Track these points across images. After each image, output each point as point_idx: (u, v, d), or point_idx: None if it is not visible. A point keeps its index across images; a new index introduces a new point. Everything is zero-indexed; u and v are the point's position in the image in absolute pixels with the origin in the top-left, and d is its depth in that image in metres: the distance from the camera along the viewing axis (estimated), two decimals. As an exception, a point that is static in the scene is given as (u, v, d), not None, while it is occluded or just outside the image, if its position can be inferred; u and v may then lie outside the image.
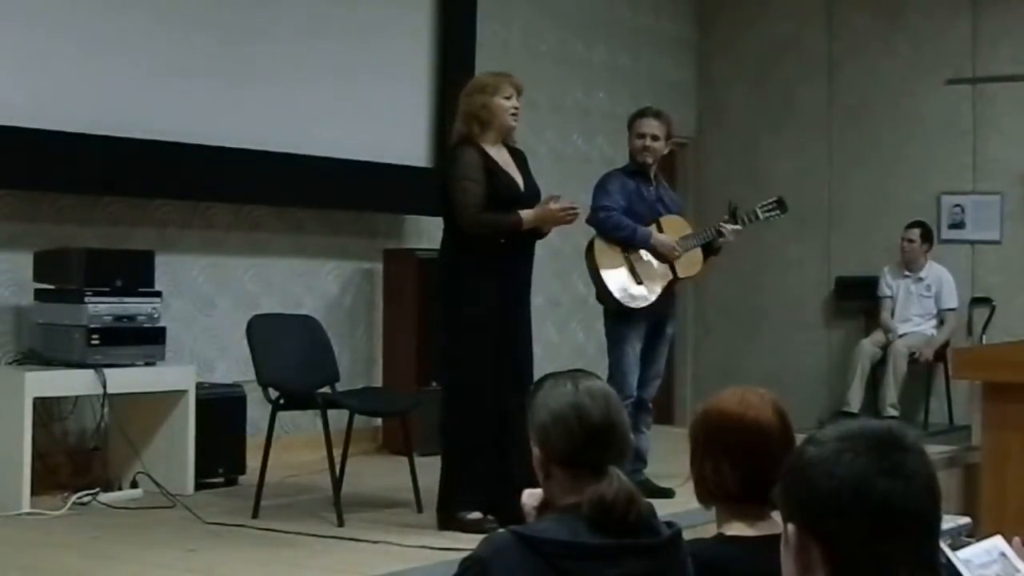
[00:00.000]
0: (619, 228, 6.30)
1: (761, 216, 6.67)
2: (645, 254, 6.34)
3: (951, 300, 9.20)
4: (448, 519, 5.41)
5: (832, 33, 9.99)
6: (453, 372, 5.54)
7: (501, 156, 5.59)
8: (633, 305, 6.28)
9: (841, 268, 9.87)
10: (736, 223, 6.50)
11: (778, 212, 6.74)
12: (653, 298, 6.33)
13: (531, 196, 5.61)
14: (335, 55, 7.47)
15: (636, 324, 6.30)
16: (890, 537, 1.67)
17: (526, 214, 5.50)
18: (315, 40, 7.37)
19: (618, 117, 7.28)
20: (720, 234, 6.47)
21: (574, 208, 5.60)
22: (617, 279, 6.28)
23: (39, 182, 6.26)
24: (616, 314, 6.33)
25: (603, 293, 6.33)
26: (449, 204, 5.51)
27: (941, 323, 9.23)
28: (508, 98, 5.58)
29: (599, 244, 6.32)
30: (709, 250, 6.54)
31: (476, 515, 5.33)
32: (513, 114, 5.60)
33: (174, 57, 6.71)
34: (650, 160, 6.43)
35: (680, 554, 2.54)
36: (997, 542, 2.55)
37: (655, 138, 6.42)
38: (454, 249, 5.54)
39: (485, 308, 5.43)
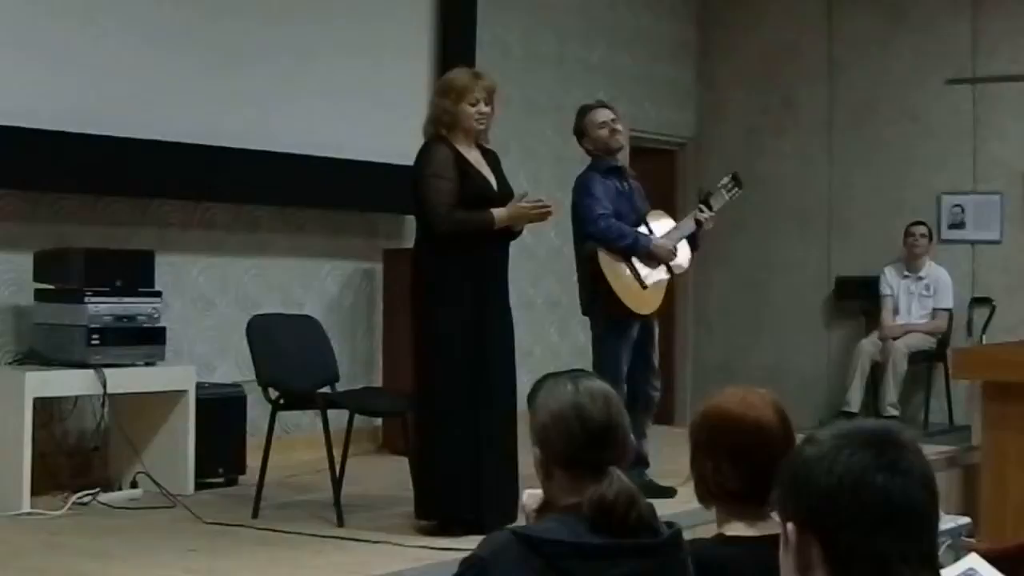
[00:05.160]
0: (623, 236, 6.27)
1: (727, 197, 6.66)
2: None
3: (946, 300, 9.23)
4: (438, 525, 5.38)
5: (832, 33, 9.99)
6: (428, 374, 5.45)
7: (472, 155, 5.54)
8: (644, 311, 6.29)
9: (841, 268, 9.87)
10: (710, 210, 6.52)
11: (737, 189, 6.72)
12: (659, 301, 6.36)
13: (504, 196, 5.55)
14: (335, 55, 7.47)
15: (630, 331, 6.29)
16: (890, 533, 1.68)
17: (499, 213, 5.43)
18: (316, 41, 7.37)
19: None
20: (699, 224, 6.49)
21: (545, 205, 5.53)
22: (625, 287, 6.26)
23: (39, 182, 6.26)
24: (611, 323, 6.29)
25: (611, 303, 6.24)
26: (421, 202, 5.44)
27: (939, 322, 9.28)
28: (474, 104, 5.50)
29: (603, 255, 6.24)
30: (691, 244, 6.56)
31: (469, 519, 5.30)
32: (479, 119, 5.52)
33: (174, 57, 6.70)
34: (621, 144, 6.43)
35: (680, 554, 2.54)
36: (972, 560, 2.56)
37: (615, 121, 6.43)
38: (430, 250, 5.45)
39: (464, 312, 5.37)
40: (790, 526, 1.74)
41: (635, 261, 6.30)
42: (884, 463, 1.69)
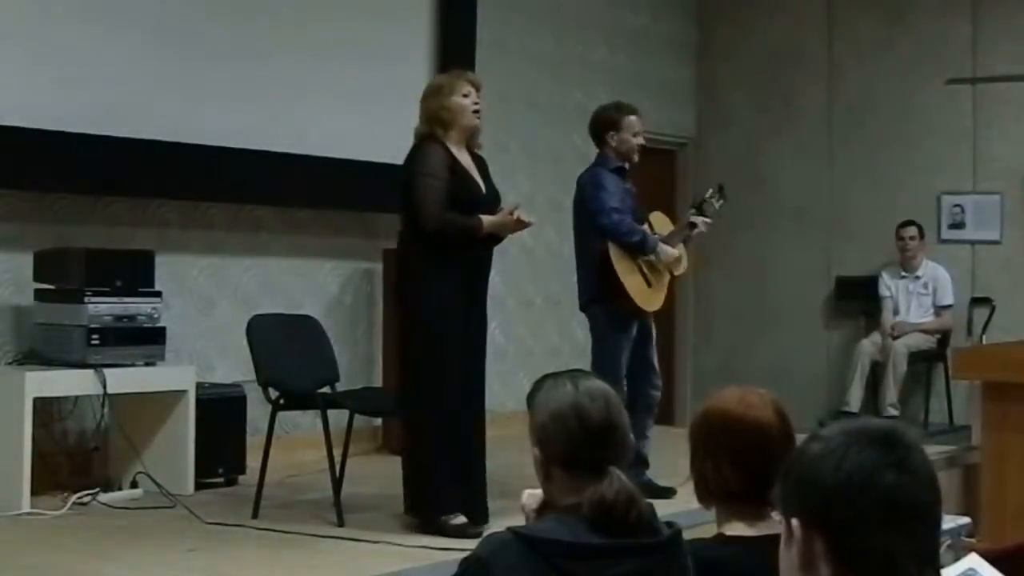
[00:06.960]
0: (633, 233, 6.28)
1: (716, 206, 6.69)
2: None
3: (947, 298, 9.23)
4: (428, 523, 5.38)
5: (833, 34, 9.98)
6: (418, 372, 5.46)
7: (463, 158, 5.55)
8: (650, 309, 6.33)
9: (841, 268, 9.87)
10: (705, 215, 6.55)
11: (723, 200, 6.73)
12: (663, 300, 6.39)
13: (491, 201, 5.58)
14: (335, 55, 7.47)
15: (630, 330, 6.31)
16: (896, 530, 1.69)
17: (487, 219, 5.46)
18: (315, 41, 7.37)
19: (618, 117, 7.27)
20: (693, 227, 6.52)
21: (529, 222, 5.63)
22: (634, 284, 6.27)
23: (39, 182, 6.26)
24: (615, 321, 6.30)
25: (621, 299, 6.25)
26: (411, 199, 5.44)
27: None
28: (466, 95, 5.52)
29: (614, 250, 6.25)
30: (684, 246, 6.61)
31: (459, 519, 5.33)
32: (475, 111, 5.54)
33: (174, 57, 6.71)
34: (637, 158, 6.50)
35: (680, 554, 2.54)
36: (971, 560, 2.56)
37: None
38: (421, 249, 5.45)
39: (450, 306, 5.38)
40: (794, 522, 1.74)
41: (641, 259, 6.32)
42: (892, 461, 1.70)
